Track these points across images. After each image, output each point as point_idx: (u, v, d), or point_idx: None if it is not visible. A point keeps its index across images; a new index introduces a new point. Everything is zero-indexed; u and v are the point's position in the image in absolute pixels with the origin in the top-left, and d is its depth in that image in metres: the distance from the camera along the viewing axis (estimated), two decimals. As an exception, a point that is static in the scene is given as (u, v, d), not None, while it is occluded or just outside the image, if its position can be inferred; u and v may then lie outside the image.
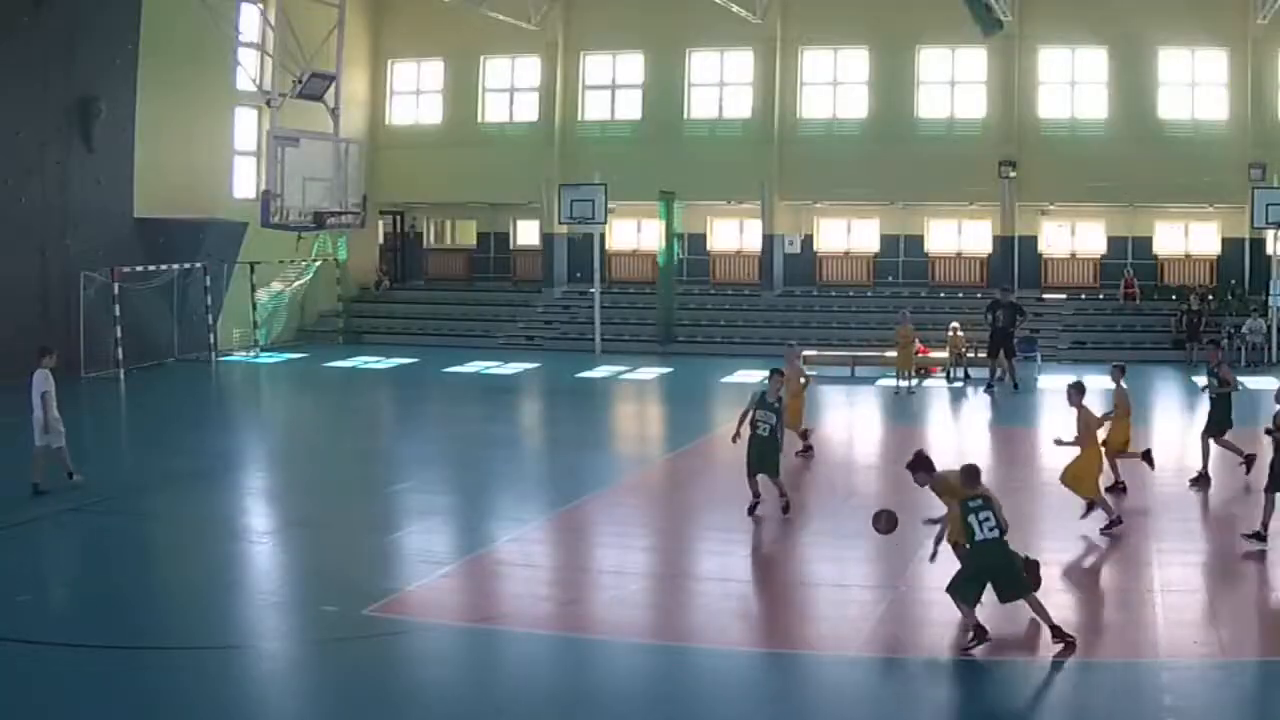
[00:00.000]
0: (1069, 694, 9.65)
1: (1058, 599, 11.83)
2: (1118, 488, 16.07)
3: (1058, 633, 10.29)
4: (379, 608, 11.64)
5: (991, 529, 10.43)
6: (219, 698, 9.65)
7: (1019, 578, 10.51)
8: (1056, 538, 14.32)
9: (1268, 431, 13.63)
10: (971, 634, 10.37)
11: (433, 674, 10.51)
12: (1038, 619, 10.47)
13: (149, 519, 15.62)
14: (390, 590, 12.34)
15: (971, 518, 10.46)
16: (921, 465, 11.55)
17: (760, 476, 14.93)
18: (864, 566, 13.66)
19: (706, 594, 12.61)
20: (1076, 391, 14.65)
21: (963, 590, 10.51)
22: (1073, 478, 14.51)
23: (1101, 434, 15.13)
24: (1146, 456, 16.79)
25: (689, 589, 12.90)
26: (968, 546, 10.69)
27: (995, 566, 10.43)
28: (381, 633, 11.06)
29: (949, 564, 11.09)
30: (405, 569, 13.43)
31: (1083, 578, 12.94)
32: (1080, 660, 10.18)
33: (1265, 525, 13.25)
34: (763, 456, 14.83)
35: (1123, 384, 16.71)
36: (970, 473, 10.86)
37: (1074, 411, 14.65)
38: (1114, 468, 16.19)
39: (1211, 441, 17.05)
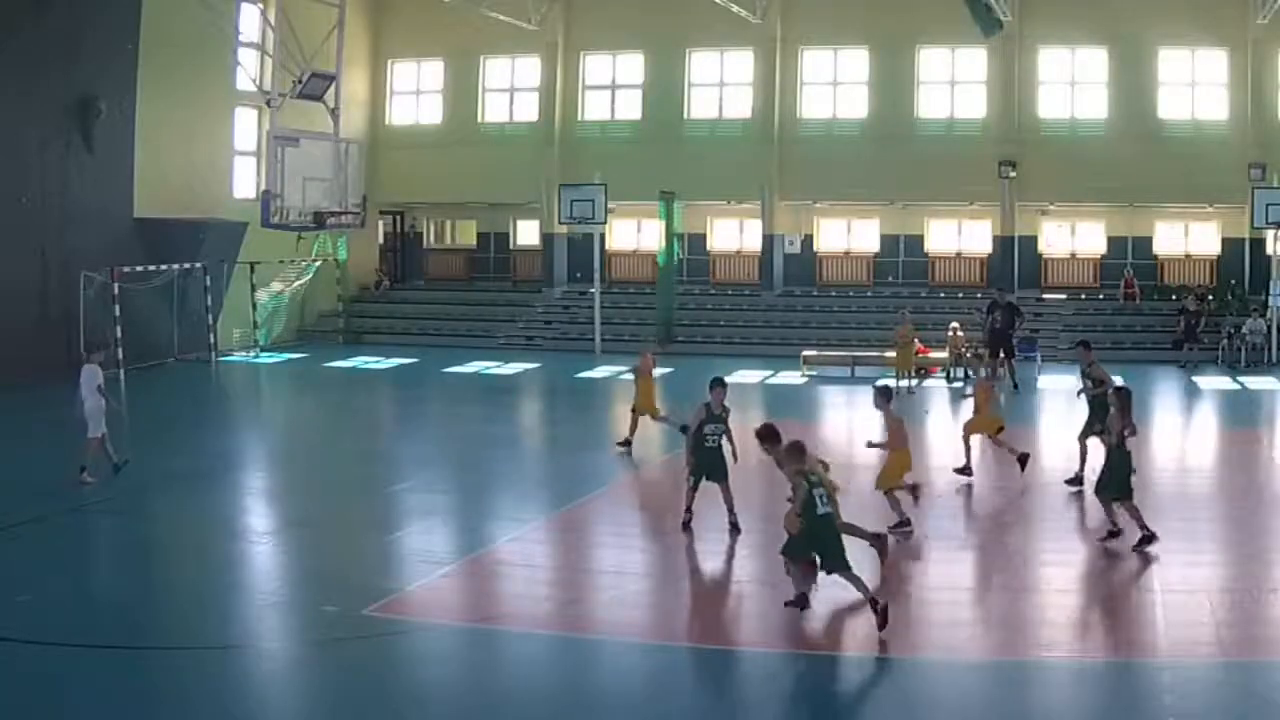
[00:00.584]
0: (1069, 694, 9.65)
1: (1055, 599, 11.85)
2: (966, 470, 16.98)
3: (874, 603, 10.84)
4: (379, 608, 11.64)
5: (826, 504, 11.12)
6: (219, 698, 9.65)
7: (842, 555, 11.19)
8: (1056, 538, 14.34)
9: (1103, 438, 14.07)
10: (797, 596, 11.41)
11: (433, 674, 10.51)
12: (856, 590, 11.07)
13: (149, 519, 15.62)
14: (390, 590, 12.34)
15: (815, 492, 11.11)
16: (768, 436, 12.34)
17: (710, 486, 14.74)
18: (864, 567, 13.65)
19: (706, 594, 12.61)
20: (881, 396, 14.98)
21: (795, 551, 11.38)
22: (881, 476, 14.80)
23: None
24: (1021, 460, 16.89)
25: (689, 589, 12.90)
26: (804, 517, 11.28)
27: (825, 540, 11.18)
28: (381, 633, 11.06)
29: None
30: (405, 569, 13.43)
31: (1080, 578, 12.92)
32: (1080, 660, 10.19)
33: (1142, 526, 13.35)
34: (714, 467, 14.77)
35: (996, 371, 16.89)
36: (795, 448, 11.49)
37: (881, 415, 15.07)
38: (967, 450, 17.23)
39: (1086, 442, 16.81)
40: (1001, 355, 26.20)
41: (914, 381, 26.62)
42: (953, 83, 34.69)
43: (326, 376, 29.64)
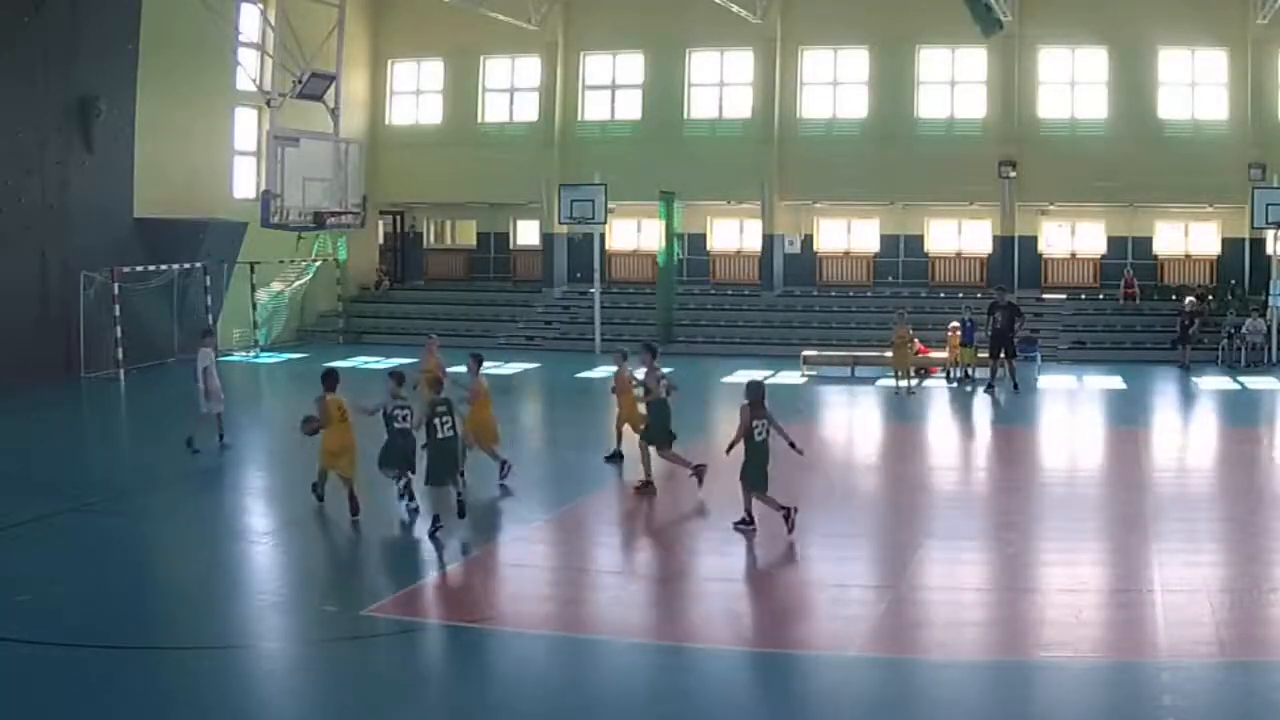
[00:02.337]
0: (1069, 694, 9.65)
1: (1056, 599, 11.85)
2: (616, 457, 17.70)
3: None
4: (379, 608, 11.64)
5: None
6: (219, 698, 9.65)
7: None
8: (1057, 537, 14.35)
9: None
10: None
11: (433, 674, 10.51)
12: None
13: (149, 519, 15.62)
14: (390, 590, 12.34)
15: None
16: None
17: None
18: (864, 566, 13.68)
19: (706, 594, 12.61)
20: (475, 361, 16.96)
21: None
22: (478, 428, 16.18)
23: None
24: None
25: (689, 589, 12.90)
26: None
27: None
28: (381, 633, 11.06)
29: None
30: (405, 569, 13.43)
31: (1080, 578, 12.91)
32: (1080, 660, 10.18)
33: (749, 512, 14.16)
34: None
35: (627, 367, 17.37)
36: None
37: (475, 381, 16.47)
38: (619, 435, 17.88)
39: (653, 451, 16.63)
40: (1002, 355, 26.20)
41: (914, 382, 26.59)
42: (953, 83, 34.68)
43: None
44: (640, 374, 16.96)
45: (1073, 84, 33.98)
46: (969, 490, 17.77)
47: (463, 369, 17.32)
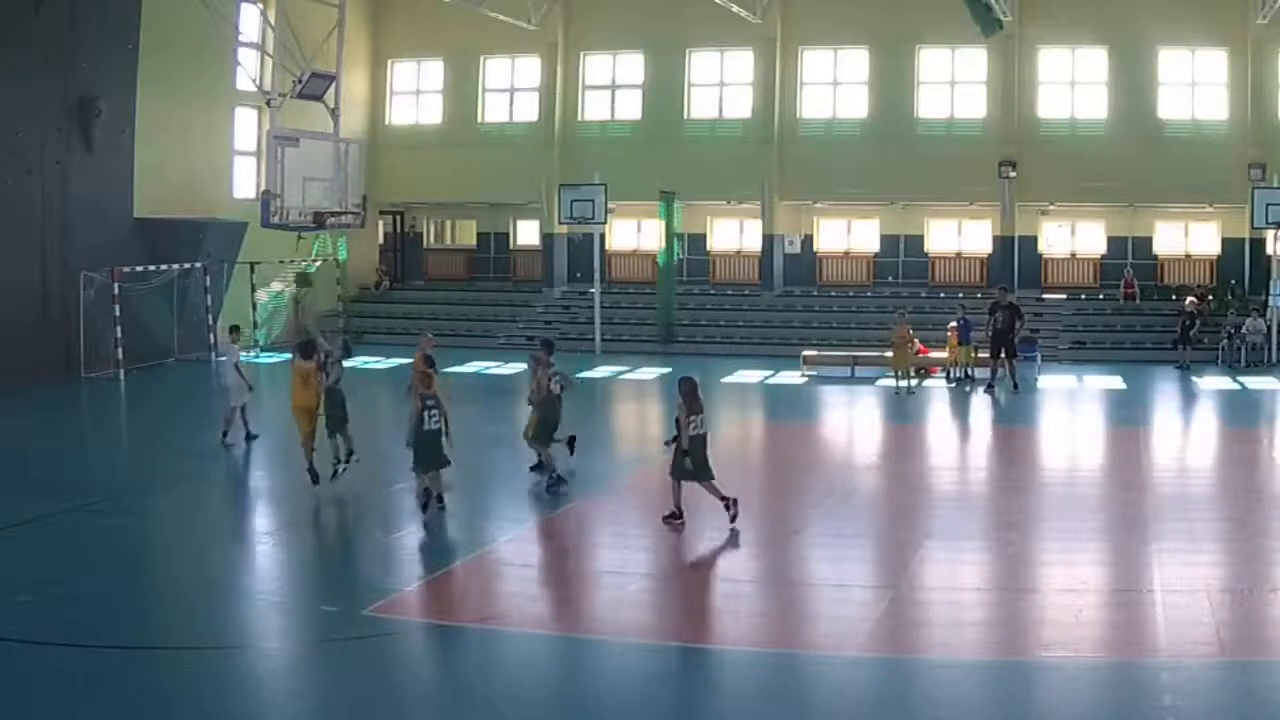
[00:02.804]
0: (1069, 694, 9.64)
1: (1056, 599, 11.85)
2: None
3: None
4: (379, 608, 11.64)
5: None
6: (219, 698, 9.65)
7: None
8: (1057, 537, 14.35)
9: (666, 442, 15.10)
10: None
11: (433, 674, 10.51)
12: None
13: (149, 519, 15.63)
14: (390, 590, 12.34)
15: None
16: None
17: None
18: (864, 566, 13.68)
19: (706, 594, 12.60)
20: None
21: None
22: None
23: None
24: (570, 442, 17.45)
25: (689, 589, 12.90)
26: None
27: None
28: (381, 633, 11.06)
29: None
30: (405, 569, 13.44)
31: (1080, 578, 12.91)
32: (1080, 660, 10.18)
33: (678, 506, 14.57)
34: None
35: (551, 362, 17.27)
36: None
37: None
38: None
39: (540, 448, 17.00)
40: (1003, 355, 26.20)
41: (914, 382, 26.58)
42: (953, 83, 34.69)
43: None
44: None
45: (1073, 84, 33.99)
46: (969, 490, 17.77)
47: (456, 369, 17.55)
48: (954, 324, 27.70)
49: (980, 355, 27.01)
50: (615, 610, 11.97)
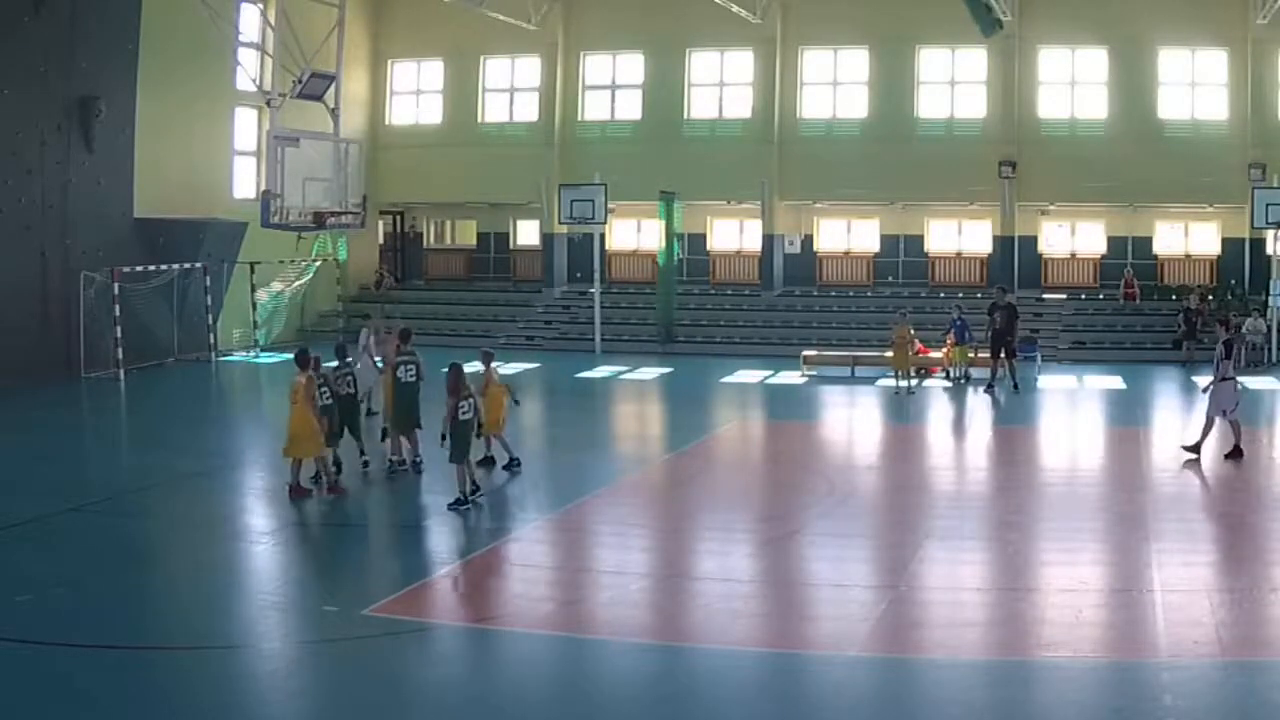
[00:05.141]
0: (1069, 694, 9.65)
1: (1056, 599, 11.85)
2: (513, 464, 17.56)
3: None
4: (379, 608, 11.64)
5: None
6: (219, 698, 9.65)
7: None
8: (1057, 537, 14.35)
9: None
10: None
11: (433, 674, 10.51)
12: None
13: (149, 519, 15.63)
14: (390, 590, 12.34)
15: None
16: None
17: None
18: (864, 566, 13.68)
19: (706, 594, 12.60)
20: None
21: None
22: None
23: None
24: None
25: (689, 589, 12.89)
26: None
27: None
28: (381, 633, 11.06)
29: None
30: (405, 569, 13.43)
31: (1080, 578, 12.92)
32: (1080, 660, 10.19)
33: (465, 490, 15.18)
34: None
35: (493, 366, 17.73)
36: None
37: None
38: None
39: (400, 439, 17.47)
40: (1003, 355, 26.19)
41: (914, 382, 26.58)
42: (953, 83, 34.69)
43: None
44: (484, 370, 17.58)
45: (1073, 84, 33.99)
46: (969, 490, 17.76)
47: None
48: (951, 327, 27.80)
49: (981, 355, 27.00)
50: (615, 610, 11.97)
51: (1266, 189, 30.24)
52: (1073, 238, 35.56)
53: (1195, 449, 18.10)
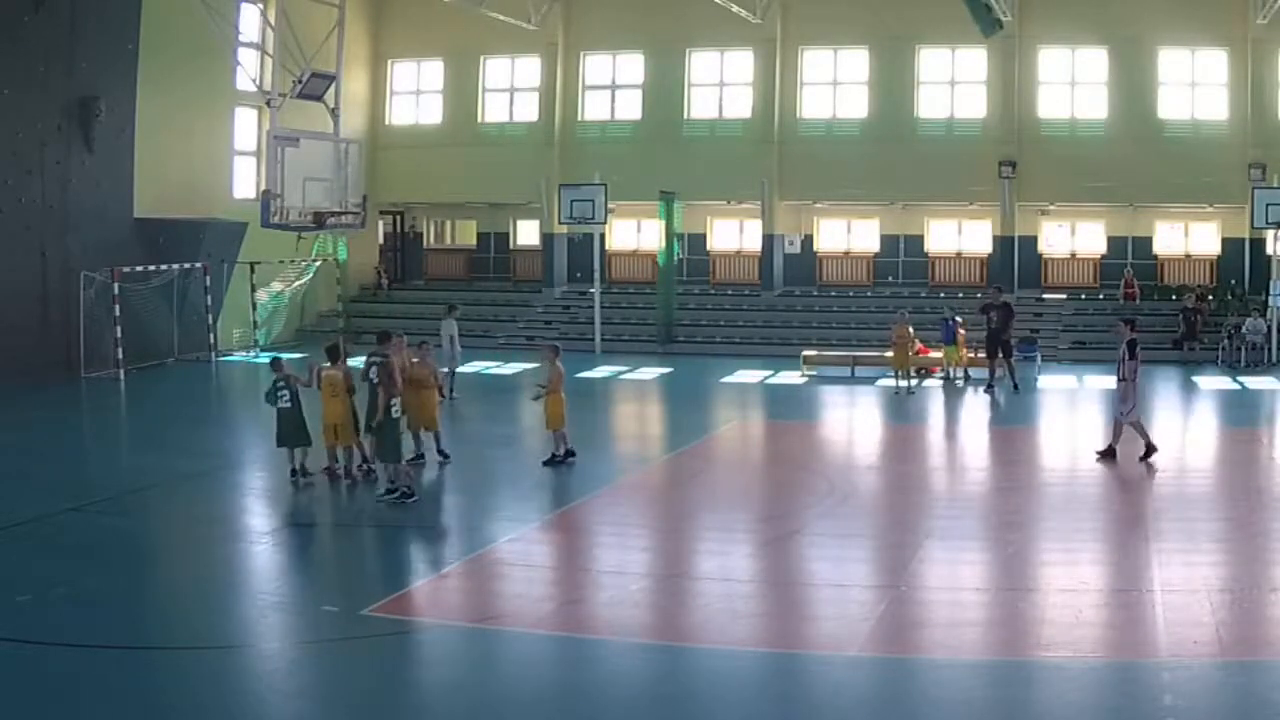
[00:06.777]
0: (1069, 694, 9.65)
1: (1056, 599, 11.85)
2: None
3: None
4: (379, 608, 11.64)
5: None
6: (219, 698, 9.65)
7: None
8: (1057, 537, 14.35)
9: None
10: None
11: (433, 674, 10.51)
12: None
13: (149, 519, 15.64)
14: (390, 590, 12.34)
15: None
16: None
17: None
18: (864, 566, 13.68)
19: (706, 594, 12.60)
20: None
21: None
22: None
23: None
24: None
25: (689, 589, 12.89)
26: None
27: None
28: (381, 633, 11.06)
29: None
30: (405, 569, 13.44)
31: (1080, 578, 12.92)
32: (1080, 660, 10.19)
33: (394, 482, 15.52)
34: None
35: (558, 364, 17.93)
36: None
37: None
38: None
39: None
40: (1000, 355, 26.18)
41: (914, 381, 26.57)
42: (953, 83, 34.69)
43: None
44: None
45: (1073, 84, 33.99)
46: (969, 490, 17.76)
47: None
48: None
49: (979, 355, 27.00)
50: (615, 610, 11.97)
51: (1266, 189, 30.24)
52: (1073, 238, 35.57)
53: (1109, 453, 18.14)
